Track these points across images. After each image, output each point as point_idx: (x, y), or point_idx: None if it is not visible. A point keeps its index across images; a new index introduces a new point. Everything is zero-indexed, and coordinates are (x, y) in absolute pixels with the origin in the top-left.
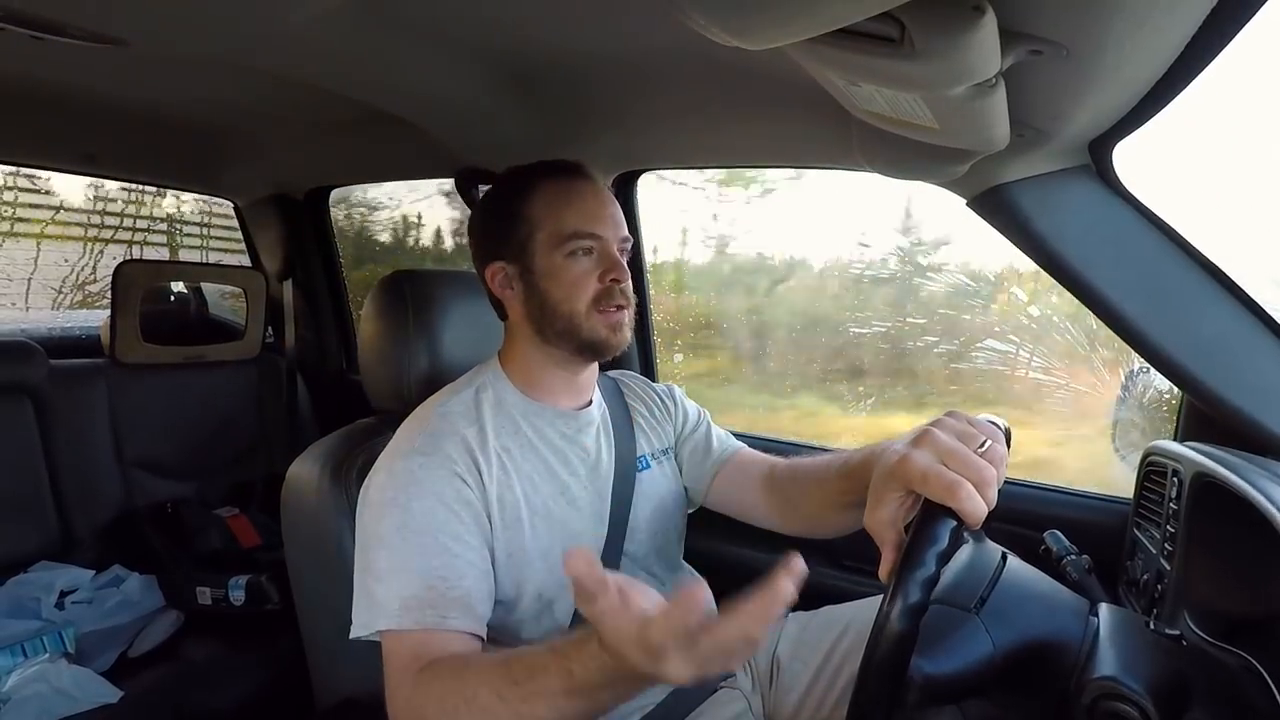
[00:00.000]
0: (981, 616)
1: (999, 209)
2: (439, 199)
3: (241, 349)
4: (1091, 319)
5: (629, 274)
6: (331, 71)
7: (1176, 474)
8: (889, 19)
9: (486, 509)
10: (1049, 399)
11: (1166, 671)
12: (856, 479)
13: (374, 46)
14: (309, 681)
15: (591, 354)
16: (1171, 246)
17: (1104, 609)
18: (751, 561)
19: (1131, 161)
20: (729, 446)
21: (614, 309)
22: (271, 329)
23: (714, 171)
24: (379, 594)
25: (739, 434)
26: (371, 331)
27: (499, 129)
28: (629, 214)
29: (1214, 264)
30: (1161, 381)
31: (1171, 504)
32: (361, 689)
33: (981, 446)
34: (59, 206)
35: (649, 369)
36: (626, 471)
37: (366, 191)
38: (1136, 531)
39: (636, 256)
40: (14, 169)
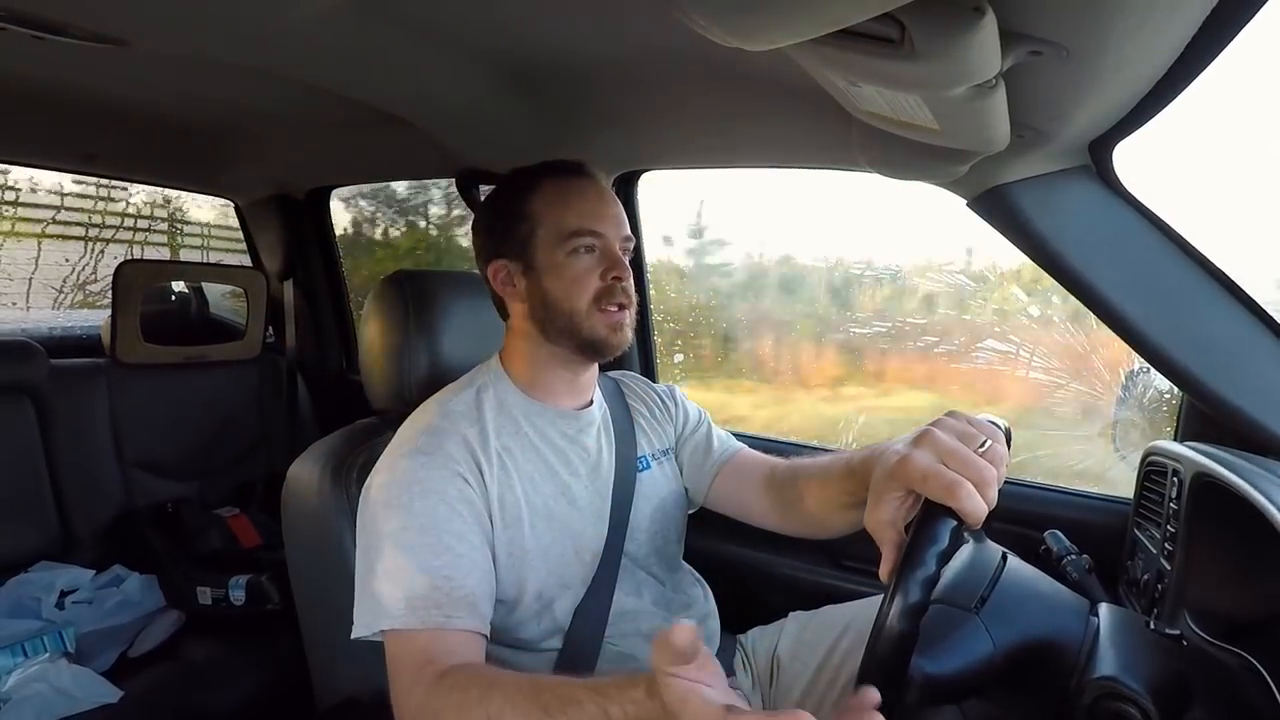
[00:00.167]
0: (982, 616)
1: (999, 209)
2: None
3: (242, 349)
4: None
5: (631, 272)
6: (331, 71)
7: (1177, 474)
8: (889, 20)
9: (488, 508)
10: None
11: (1167, 671)
12: (857, 479)
13: (374, 46)
14: (309, 681)
15: (592, 353)
16: (1171, 247)
17: (1104, 609)
18: (751, 562)
19: (1132, 161)
20: (729, 447)
21: (615, 308)
22: (272, 329)
23: None
24: (382, 594)
25: (739, 434)
26: (372, 331)
27: (499, 129)
28: (630, 214)
29: (1214, 264)
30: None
31: (1172, 504)
32: (362, 689)
33: (981, 446)
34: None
35: (649, 369)
36: (627, 472)
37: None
38: (1137, 531)
39: (637, 257)
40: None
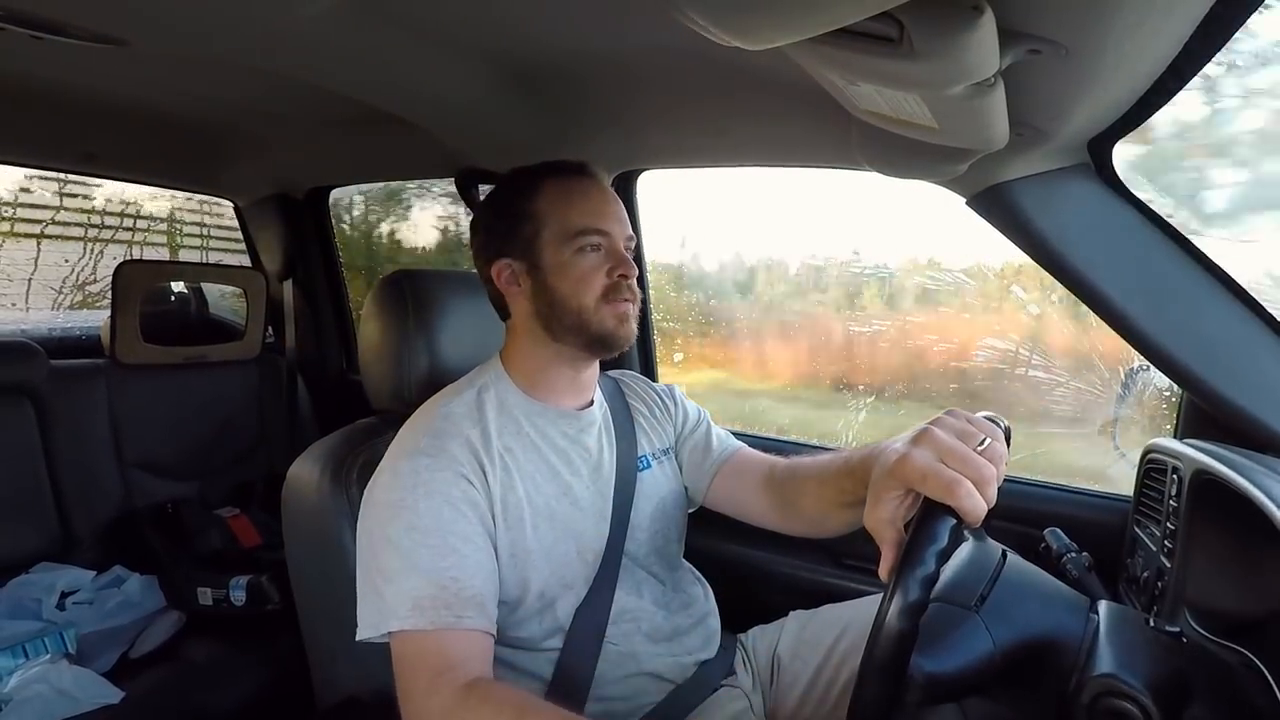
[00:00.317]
0: (982, 614)
1: (998, 208)
2: None
3: (242, 349)
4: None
5: (636, 269)
6: (332, 71)
7: (1176, 471)
8: (888, 19)
9: (491, 509)
10: None
11: (1166, 669)
12: (856, 478)
13: (374, 46)
14: (310, 681)
15: (600, 347)
16: (1171, 244)
17: (1104, 606)
18: (752, 561)
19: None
20: (729, 446)
21: (621, 301)
22: (272, 329)
23: None
24: (389, 594)
25: (739, 434)
26: (372, 331)
27: (499, 129)
28: (630, 213)
29: (1213, 262)
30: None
31: (1172, 501)
32: (363, 688)
33: (981, 444)
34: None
35: (649, 369)
36: (628, 471)
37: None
38: (1136, 529)
39: (638, 255)
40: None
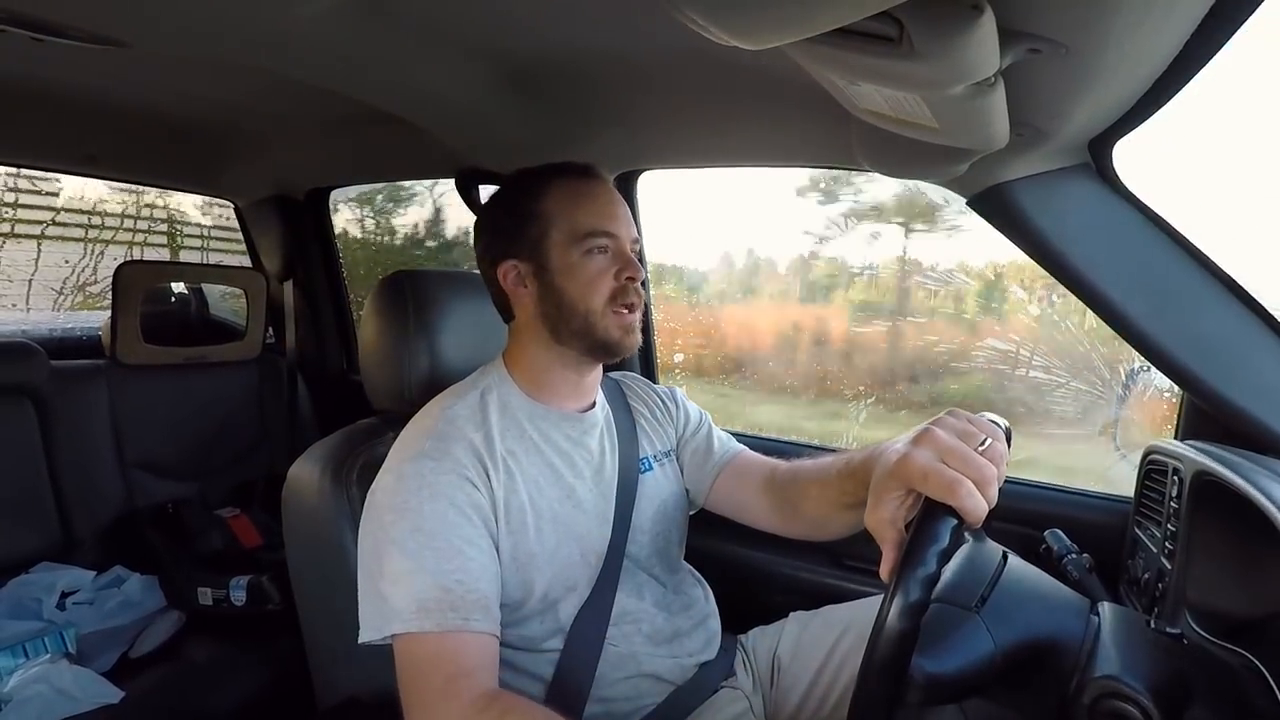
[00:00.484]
0: (982, 615)
1: (999, 208)
2: None
3: (242, 349)
4: None
5: (643, 272)
6: (332, 71)
7: (1177, 473)
8: (888, 18)
9: (494, 512)
10: None
11: (1167, 670)
12: (857, 479)
13: (375, 46)
14: (310, 681)
15: (603, 354)
16: (1172, 245)
17: (1105, 608)
18: (752, 562)
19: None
20: (730, 449)
21: (626, 309)
22: (272, 329)
23: None
24: (393, 597)
25: (740, 435)
26: (372, 332)
27: (500, 129)
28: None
29: (1214, 262)
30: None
31: (1172, 503)
32: (363, 688)
33: (982, 445)
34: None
35: (650, 371)
36: (630, 473)
37: None
38: (1137, 530)
39: (640, 257)
40: (14, 171)
